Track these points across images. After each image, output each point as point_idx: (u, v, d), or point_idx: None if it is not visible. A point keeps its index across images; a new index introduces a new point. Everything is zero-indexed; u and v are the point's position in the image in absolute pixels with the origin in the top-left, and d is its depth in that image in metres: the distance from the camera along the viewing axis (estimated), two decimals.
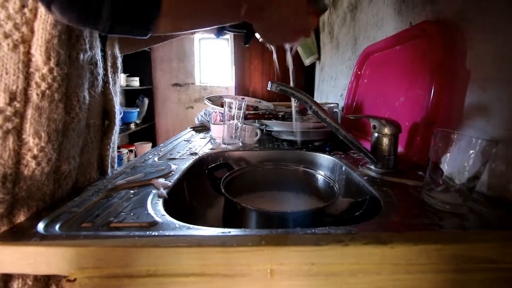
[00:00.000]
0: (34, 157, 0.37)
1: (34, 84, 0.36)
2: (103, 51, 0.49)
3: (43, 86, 0.36)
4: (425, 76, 0.53)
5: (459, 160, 0.37)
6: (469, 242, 0.29)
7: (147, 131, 3.27)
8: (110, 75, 0.51)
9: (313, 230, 0.30)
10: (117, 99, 0.54)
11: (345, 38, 1.09)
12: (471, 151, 0.36)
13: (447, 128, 0.48)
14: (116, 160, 0.58)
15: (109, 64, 0.51)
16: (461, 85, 0.46)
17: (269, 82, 0.51)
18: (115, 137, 0.55)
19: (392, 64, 0.68)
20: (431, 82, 0.50)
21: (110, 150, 0.52)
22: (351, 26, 1.02)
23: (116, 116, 0.52)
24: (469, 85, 0.45)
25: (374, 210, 0.41)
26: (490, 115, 0.41)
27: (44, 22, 0.35)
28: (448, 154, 0.38)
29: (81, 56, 0.41)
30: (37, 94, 0.36)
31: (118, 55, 0.54)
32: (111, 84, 0.51)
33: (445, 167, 0.38)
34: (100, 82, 0.48)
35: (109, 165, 0.53)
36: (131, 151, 2.91)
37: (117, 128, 0.54)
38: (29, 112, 0.36)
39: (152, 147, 3.37)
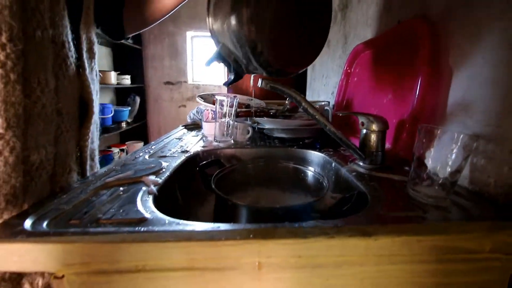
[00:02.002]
0: None
1: None
2: (76, 33, 0.45)
3: None
4: (411, 73, 0.54)
5: (442, 155, 0.38)
6: (449, 233, 0.30)
7: (139, 130, 3.24)
8: (86, 61, 0.48)
9: (301, 224, 0.31)
10: (96, 88, 0.51)
11: (336, 36, 1.11)
12: (453, 146, 0.37)
13: (432, 124, 0.50)
14: (96, 152, 0.56)
15: (84, 48, 0.47)
16: (445, 82, 0.48)
17: (260, 79, 0.52)
18: (94, 128, 0.52)
19: (381, 62, 0.69)
20: (417, 79, 0.51)
21: (89, 141, 0.50)
22: (342, 25, 1.03)
23: (94, 105, 0.49)
24: (452, 82, 0.46)
25: (362, 204, 0.42)
26: (472, 111, 0.42)
27: None
28: (432, 149, 0.39)
29: (39, 33, 0.37)
30: None
31: (95, 40, 0.51)
32: (87, 70, 0.48)
33: (429, 161, 0.40)
34: (72, 66, 0.44)
35: (88, 157, 0.51)
36: (122, 150, 2.88)
37: (96, 118, 0.51)
38: None
39: (144, 145, 3.34)
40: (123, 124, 2.87)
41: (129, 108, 2.98)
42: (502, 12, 0.37)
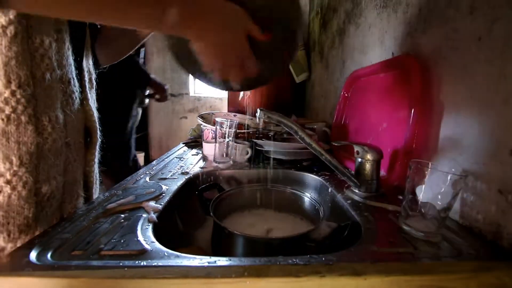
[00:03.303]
0: (8, 182, 0.37)
1: None
2: (79, 68, 0.48)
3: (7, 110, 0.36)
4: (404, 106, 0.56)
5: (432, 191, 0.40)
6: (437, 273, 0.31)
7: (140, 141, 3.25)
8: (88, 91, 0.51)
9: (295, 260, 0.32)
10: (96, 114, 0.54)
11: (334, 59, 1.14)
12: (443, 184, 0.39)
13: (424, 157, 0.52)
14: (98, 176, 0.58)
15: (86, 80, 0.50)
16: (437, 117, 0.50)
17: (258, 109, 0.54)
18: (97, 153, 0.55)
19: (376, 91, 0.71)
20: (409, 112, 0.53)
21: (95, 166, 0.53)
22: (340, 49, 1.07)
23: (96, 131, 0.52)
24: (443, 118, 0.48)
25: (355, 234, 0.43)
26: (461, 148, 0.44)
27: None
28: (423, 185, 0.41)
29: (48, 75, 0.40)
30: (2, 119, 0.36)
31: (93, 71, 0.54)
32: (90, 100, 0.51)
33: (420, 196, 0.41)
34: (77, 100, 0.47)
35: (94, 182, 0.53)
36: None
37: (99, 142, 0.54)
38: None
39: (145, 156, 3.36)
40: None
41: None
42: (487, 58, 0.40)
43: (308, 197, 0.60)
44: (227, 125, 0.82)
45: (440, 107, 0.49)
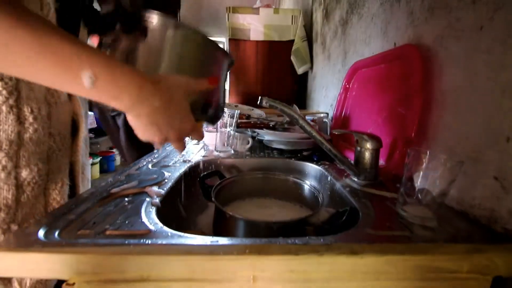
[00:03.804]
0: None
1: None
2: None
3: None
4: (405, 96, 0.57)
5: (429, 178, 0.41)
6: (433, 254, 0.32)
7: None
8: None
9: (294, 240, 0.33)
10: (86, 109, 0.56)
11: (336, 50, 1.14)
12: (440, 170, 0.40)
13: (423, 146, 0.52)
14: (86, 166, 0.60)
15: None
16: (436, 107, 0.50)
17: (260, 97, 0.54)
18: (84, 145, 0.57)
19: (378, 81, 0.72)
20: (410, 102, 0.54)
21: (80, 157, 0.55)
22: (342, 40, 1.07)
23: (82, 124, 0.54)
24: (443, 108, 0.49)
25: (353, 219, 0.44)
26: (459, 137, 0.45)
27: None
28: (420, 172, 0.42)
29: None
30: None
31: None
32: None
33: (418, 183, 0.42)
34: (64, 93, 0.49)
35: (80, 171, 0.56)
36: None
37: (85, 136, 0.56)
38: None
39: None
40: None
41: None
42: (488, 47, 0.40)
43: (308, 185, 0.61)
44: (228, 115, 0.83)
45: (440, 97, 0.50)
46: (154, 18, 0.41)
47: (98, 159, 2.79)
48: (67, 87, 0.30)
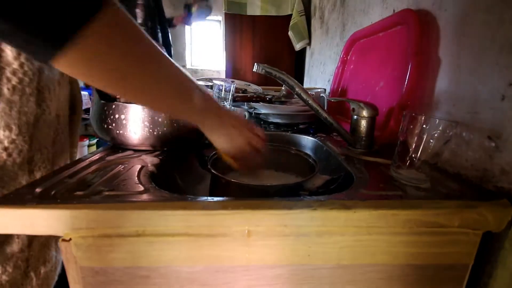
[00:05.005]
0: (5, 148, 0.38)
1: (4, 79, 0.36)
2: None
3: (14, 80, 0.37)
4: (402, 62, 0.56)
5: (423, 140, 0.41)
6: (422, 209, 0.33)
7: None
8: None
9: (288, 198, 0.34)
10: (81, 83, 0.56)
11: (335, 23, 1.11)
12: (434, 131, 0.40)
13: (419, 111, 0.52)
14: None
15: None
16: (433, 72, 0.50)
17: (255, 64, 0.53)
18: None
19: (375, 50, 0.70)
20: (406, 68, 0.53)
21: (78, 138, 0.55)
22: (340, 12, 1.04)
23: (82, 103, 0.54)
24: (440, 72, 0.48)
25: (348, 185, 0.44)
26: (455, 100, 0.45)
27: None
28: (415, 134, 0.42)
29: None
30: (8, 89, 0.37)
31: None
32: None
33: (412, 145, 0.42)
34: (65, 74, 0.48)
35: (78, 152, 0.56)
36: None
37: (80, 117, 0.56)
38: (0, 106, 0.36)
39: None
40: None
41: None
42: (487, 6, 0.39)
43: (304, 155, 0.61)
44: (224, 89, 0.82)
45: (438, 61, 0.49)
46: None
47: (95, 140, 2.78)
48: (181, 109, 0.37)
